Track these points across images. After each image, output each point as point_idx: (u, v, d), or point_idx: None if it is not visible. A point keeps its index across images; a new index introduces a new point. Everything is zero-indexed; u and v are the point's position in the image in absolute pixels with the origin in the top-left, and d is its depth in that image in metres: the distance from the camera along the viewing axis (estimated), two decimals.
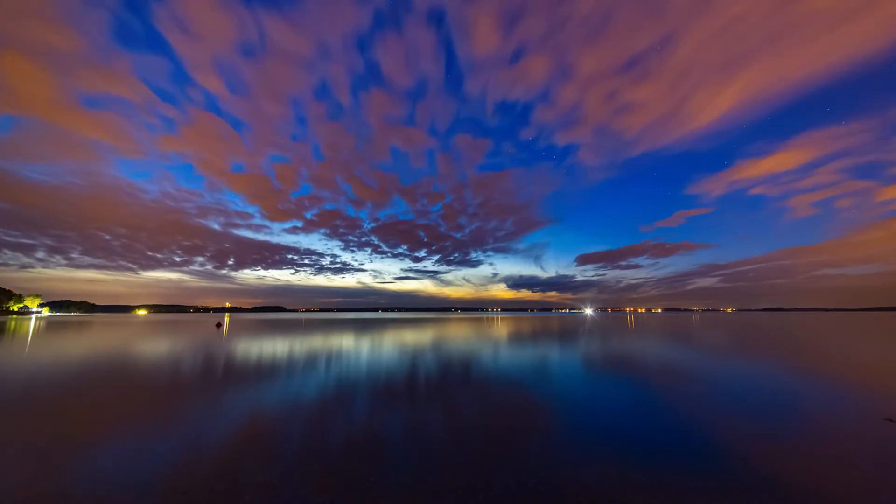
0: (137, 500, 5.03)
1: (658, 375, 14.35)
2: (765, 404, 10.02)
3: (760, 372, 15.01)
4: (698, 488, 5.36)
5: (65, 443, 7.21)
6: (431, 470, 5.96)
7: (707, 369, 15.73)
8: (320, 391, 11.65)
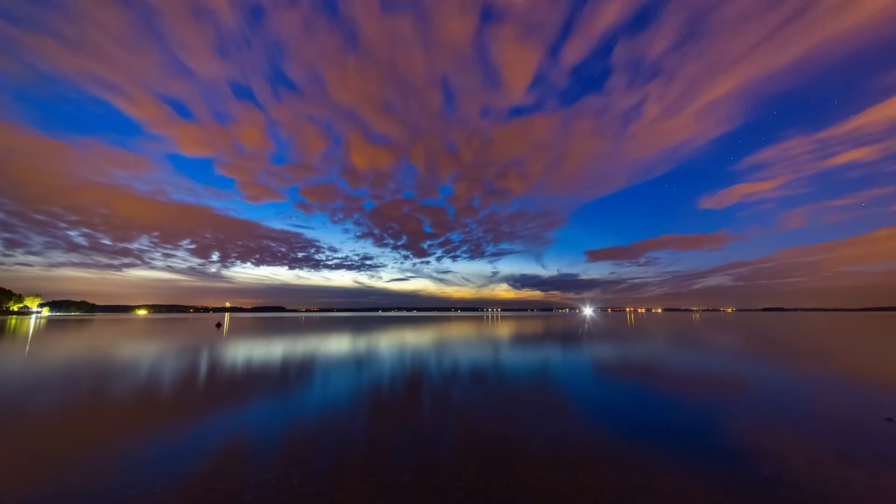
0: (137, 500, 5.02)
1: (656, 375, 14.33)
2: (764, 404, 10.01)
3: (759, 371, 15.00)
4: (698, 488, 5.36)
5: (65, 442, 7.20)
6: (432, 470, 5.95)
7: (704, 368, 15.72)
8: (320, 390, 11.63)
